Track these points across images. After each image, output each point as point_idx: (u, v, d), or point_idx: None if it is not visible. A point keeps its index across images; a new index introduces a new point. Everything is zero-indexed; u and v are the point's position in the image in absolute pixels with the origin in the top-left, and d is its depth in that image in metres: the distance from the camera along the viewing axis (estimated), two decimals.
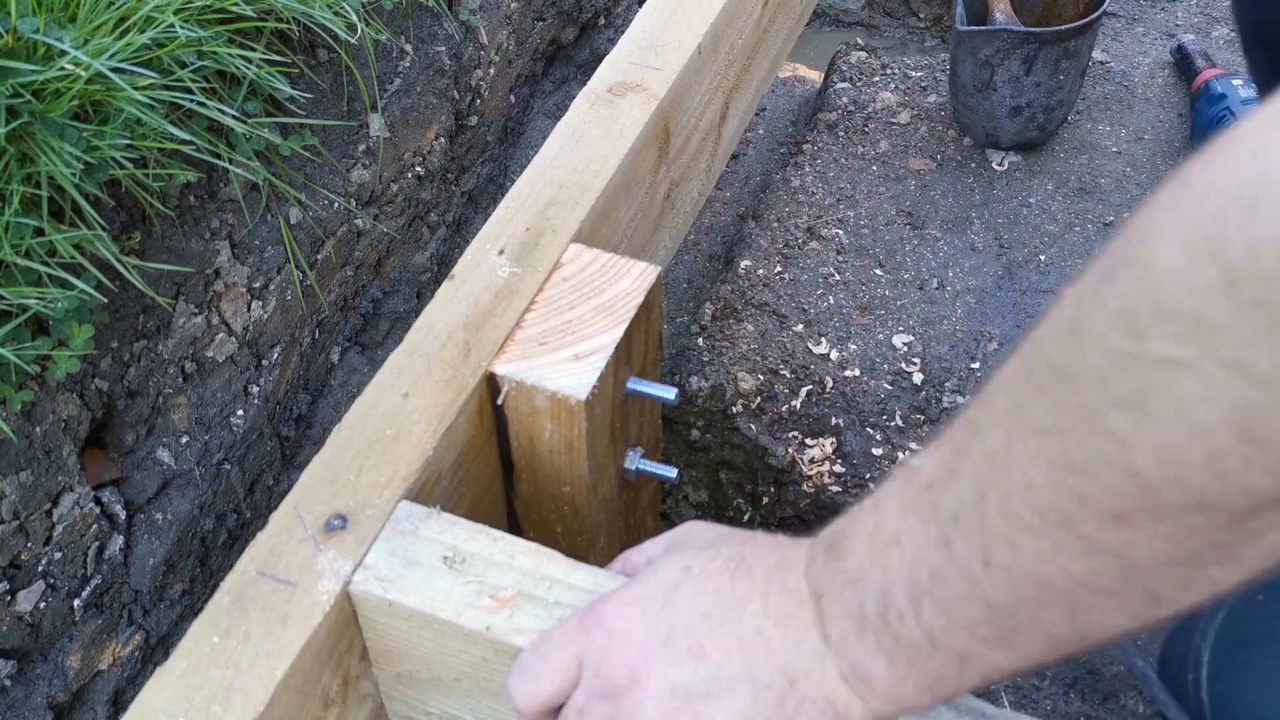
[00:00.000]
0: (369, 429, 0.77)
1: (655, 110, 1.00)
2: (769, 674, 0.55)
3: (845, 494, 1.28)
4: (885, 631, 0.52)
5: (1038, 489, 0.44)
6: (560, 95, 1.82)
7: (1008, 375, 0.47)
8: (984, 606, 0.48)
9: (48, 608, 0.96)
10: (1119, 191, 1.53)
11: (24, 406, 0.92)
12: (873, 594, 0.52)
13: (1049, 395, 0.44)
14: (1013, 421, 0.46)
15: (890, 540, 0.52)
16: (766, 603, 0.56)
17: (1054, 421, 0.43)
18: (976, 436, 0.48)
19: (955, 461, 0.49)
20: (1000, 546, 0.46)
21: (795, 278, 1.46)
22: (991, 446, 0.47)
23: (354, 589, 0.69)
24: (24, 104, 0.86)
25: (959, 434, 0.50)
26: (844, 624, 0.53)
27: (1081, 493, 0.43)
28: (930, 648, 0.50)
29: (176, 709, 0.64)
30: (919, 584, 0.50)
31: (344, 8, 1.15)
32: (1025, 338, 0.47)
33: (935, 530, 0.49)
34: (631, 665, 0.57)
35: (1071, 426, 0.43)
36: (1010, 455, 0.45)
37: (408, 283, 1.42)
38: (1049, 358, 0.44)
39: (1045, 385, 0.44)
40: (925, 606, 0.50)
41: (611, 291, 0.84)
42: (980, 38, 1.47)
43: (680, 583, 0.59)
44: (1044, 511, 0.44)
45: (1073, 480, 0.43)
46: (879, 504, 0.54)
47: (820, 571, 0.56)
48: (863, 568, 0.53)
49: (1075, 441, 0.43)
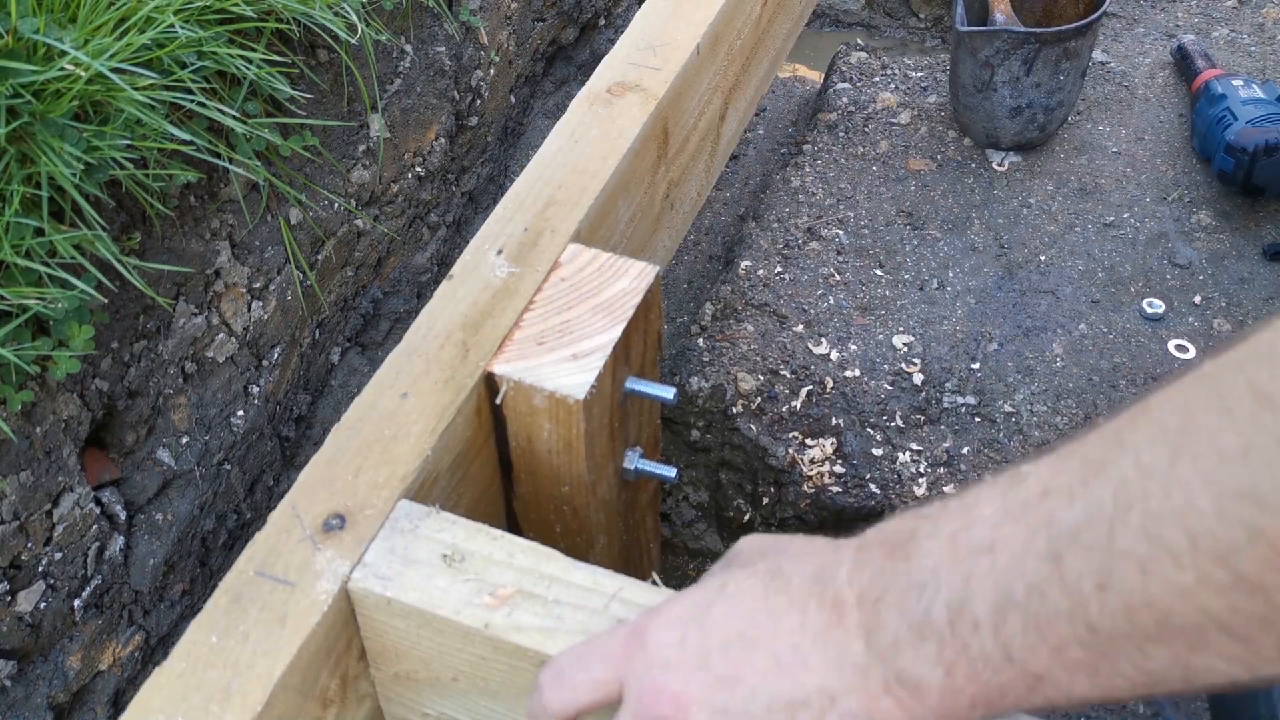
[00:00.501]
0: (367, 429, 0.77)
1: (654, 110, 1.00)
2: (807, 694, 0.53)
3: (845, 494, 1.28)
4: (951, 640, 0.49)
5: (1200, 515, 0.41)
6: (560, 95, 1.82)
7: (1182, 393, 0.45)
8: (1084, 629, 0.45)
9: (48, 608, 0.96)
10: (1119, 192, 1.53)
11: (24, 407, 0.92)
12: (944, 600, 0.49)
13: (1245, 420, 0.41)
14: (1184, 440, 0.43)
15: (981, 547, 0.49)
16: (804, 618, 0.54)
17: (1244, 447, 0.41)
18: (1124, 450, 0.45)
19: (1087, 474, 0.46)
20: (1126, 569, 0.44)
21: (795, 278, 1.46)
22: (1149, 463, 0.44)
23: (353, 586, 0.69)
24: (24, 104, 0.86)
25: (1093, 446, 0.47)
26: (897, 629, 0.51)
27: (1257, 526, 0.40)
28: (1004, 663, 0.48)
29: (175, 709, 0.64)
30: (1009, 596, 0.47)
31: (344, 8, 1.15)
32: (1213, 360, 0.44)
33: (1043, 542, 0.46)
34: (675, 694, 0.56)
35: (1267, 455, 0.40)
36: (1173, 475, 0.43)
37: (408, 283, 1.42)
38: (1252, 382, 0.42)
39: (1241, 410, 0.41)
40: (1011, 621, 0.47)
41: (610, 291, 0.84)
42: (980, 38, 1.48)
43: (714, 602, 0.57)
44: (1200, 540, 0.42)
45: (1250, 512, 0.40)
46: (969, 507, 0.51)
47: (874, 573, 0.53)
48: (935, 571, 0.50)
49: (1268, 471, 0.40)
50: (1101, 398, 1.31)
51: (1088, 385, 1.33)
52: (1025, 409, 1.31)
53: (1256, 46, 1.74)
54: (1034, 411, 1.31)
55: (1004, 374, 1.34)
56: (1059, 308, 1.41)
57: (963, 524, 0.50)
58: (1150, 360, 1.35)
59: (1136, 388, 1.32)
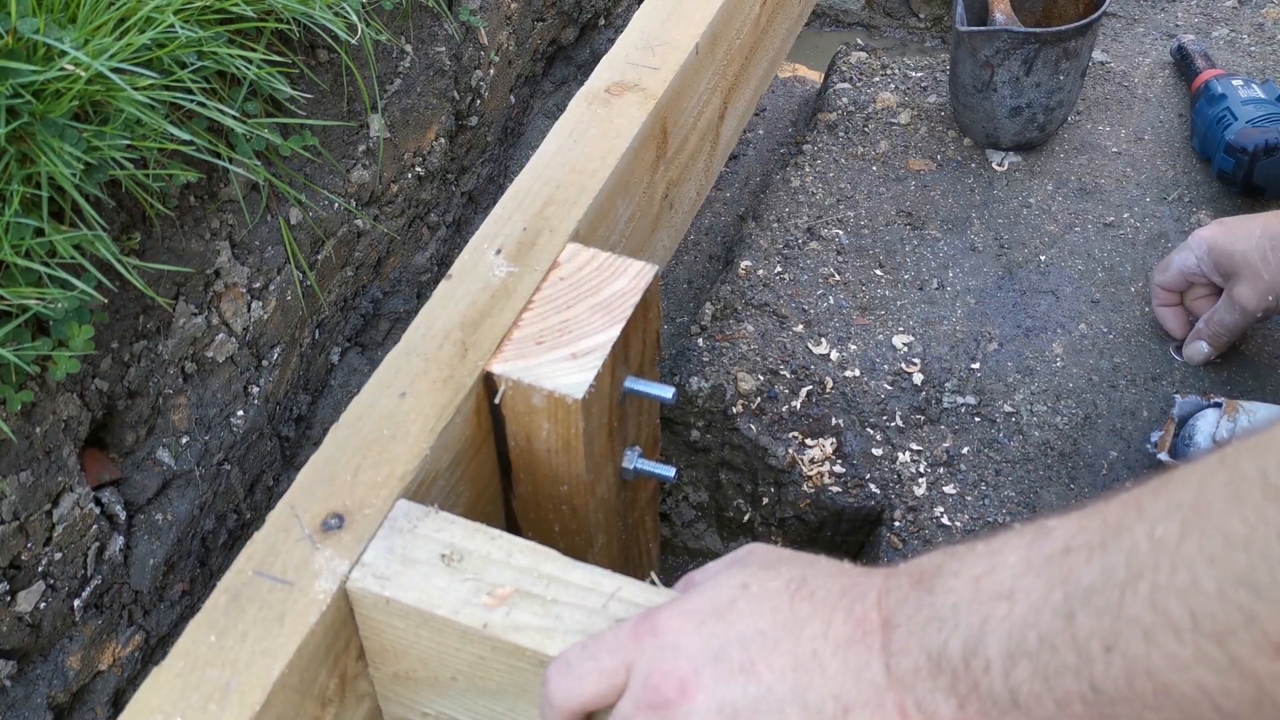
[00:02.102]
0: (366, 429, 0.77)
1: (653, 110, 1.00)
2: (821, 699, 0.54)
3: (845, 494, 1.28)
4: (964, 676, 0.50)
5: (1203, 594, 0.43)
6: (560, 95, 1.82)
7: (1201, 472, 0.46)
8: (1088, 688, 0.46)
9: (48, 608, 0.96)
10: (1119, 192, 1.53)
11: (24, 407, 0.92)
12: (961, 637, 0.51)
13: (1251, 508, 0.42)
14: (1195, 519, 0.44)
15: (1001, 593, 0.50)
16: (828, 628, 0.55)
17: (1247, 536, 0.42)
18: (1142, 519, 0.46)
19: (1106, 537, 0.47)
20: (1132, 636, 0.45)
21: (795, 278, 1.46)
22: (1161, 536, 0.45)
23: (351, 586, 0.69)
24: (24, 104, 0.86)
25: (1116, 510, 0.48)
26: (917, 658, 0.52)
27: (1252, 613, 0.41)
28: (1010, 706, 0.49)
29: (173, 708, 0.64)
30: (1022, 645, 0.49)
31: (344, 8, 1.15)
32: (1237, 443, 0.45)
33: (1059, 598, 0.48)
34: (681, 678, 0.56)
35: (1266, 546, 0.41)
36: (1180, 551, 0.44)
37: (408, 283, 1.42)
38: (1264, 471, 0.43)
39: (1250, 497, 0.42)
40: (1021, 668, 0.48)
41: (609, 291, 0.84)
42: (980, 38, 1.48)
43: (737, 598, 0.58)
44: (1200, 618, 0.43)
45: (1247, 599, 0.41)
46: (996, 552, 0.52)
47: (899, 602, 0.54)
48: (956, 609, 0.51)
49: (1266, 562, 0.41)
50: (1101, 398, 1.31)
51: (1088, 385, 1.33)
52: (1025, 409, 1.31)
53: (1256, 46, 1.74)
54: (1034, 411, 1.31)
55: (1004, 374, 1.34)
56: (1059, 308, 1.41)
57: (987, 568, 0.52)
58: (1150, 360, 1.35)
59: (1136, 388, 1.32)
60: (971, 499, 1.25)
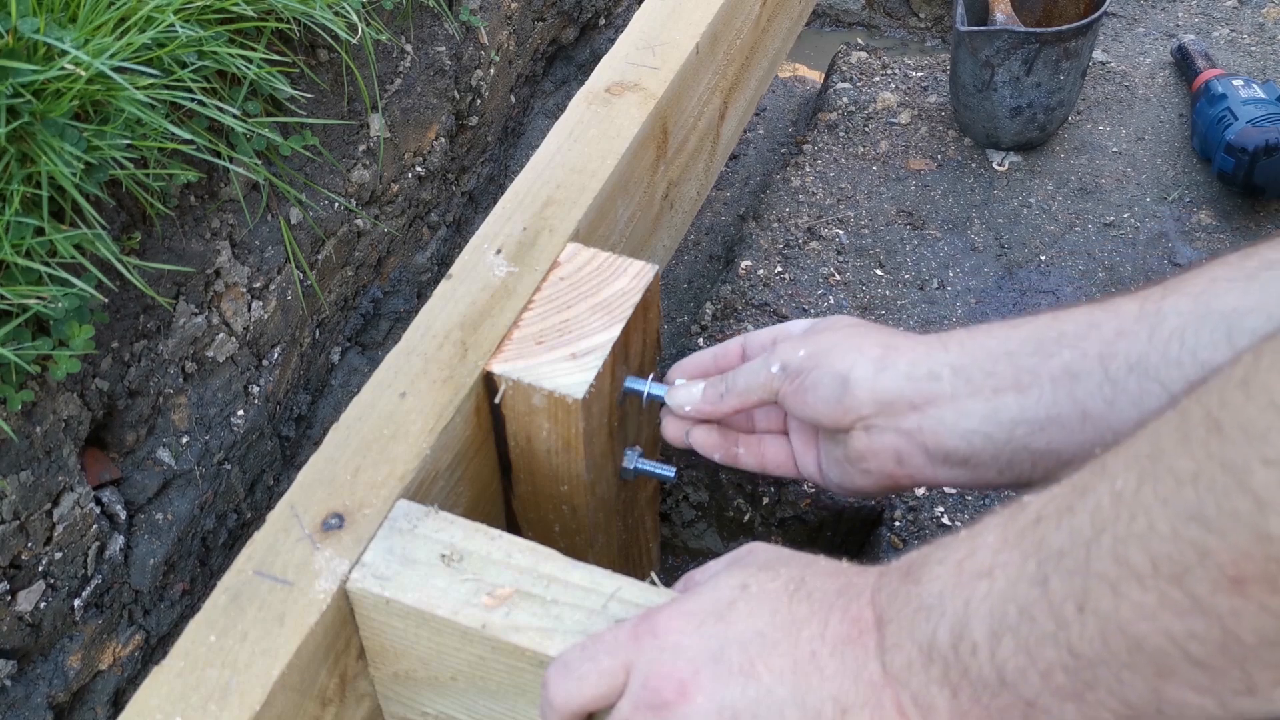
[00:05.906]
0: (366, 428, 0.77)
1: (653, 110, 1.00)
2: (820, 701, 0.54)
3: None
4: (954, 663, 0.51)
5: (1159, 537, 0.43)
6: (560, 95, 1.82)
7: (1155, 425, 0.46)
8: (1067, 654, 0.47)
9: (48, 608, 0.96)
10: (1119, 192, 1.53)
11: (24, 406, 0.92)
12: (948, 623, 0.51)
13: (1198, 445, 0.42)
14: (1149, 466, 0.45)
15: (981, 572, 0.51)
16: (825, 628, 0.55)
17: (1194, 471, 0.42)
18: (1104, 477, 0.47)
19: (1073, 499, 0.48)
20: (1101, 591, 0.45)
21: (795, 278, 1.46)
22: (1120, 489, 0.45)
23: (351, 586, 0.69)
24: (24, 104, 0.86)
25: (1083, 475, 0.48)
26: (909, 652, 0.52)
27: (1204, 547, 0.41)
28: (999, 687, 0.49)
29: (173, 708, 0.64)
30: (1003, 620, 0.49)
31: (344, 8, 1.15)
32: (1188, 390, 0.45)
33: (1034, 566, 0.48)
34: (681, 679, 0.56)
35: (1211, 478, 0.41)
36: (1138, 499, 0.44)
37: (408, 283, 1.42)
38: (1207, 408, 0.43)
39: (1195, 435, 0.43)
40: (1004, 643, 0.49)
41: (609, 290, 0.84)
42: (980, 38, 1.48)
43: (737, 599, 0.58)
44: (1159, 561, 0.43)
45: (1198, 533, 0.42)
46: (976, 535, 0.53)
47: (890, 597, 0.55)
48: (941, 595, 0.52)
49: (1212, 494, 0.41)
50: None
51: None
52: None
53: (1256, 46, 1.74)
54: None
55: None
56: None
57: (968, 550, 0.52)
58: None
59: None
60: (972, 498, 1.25)
